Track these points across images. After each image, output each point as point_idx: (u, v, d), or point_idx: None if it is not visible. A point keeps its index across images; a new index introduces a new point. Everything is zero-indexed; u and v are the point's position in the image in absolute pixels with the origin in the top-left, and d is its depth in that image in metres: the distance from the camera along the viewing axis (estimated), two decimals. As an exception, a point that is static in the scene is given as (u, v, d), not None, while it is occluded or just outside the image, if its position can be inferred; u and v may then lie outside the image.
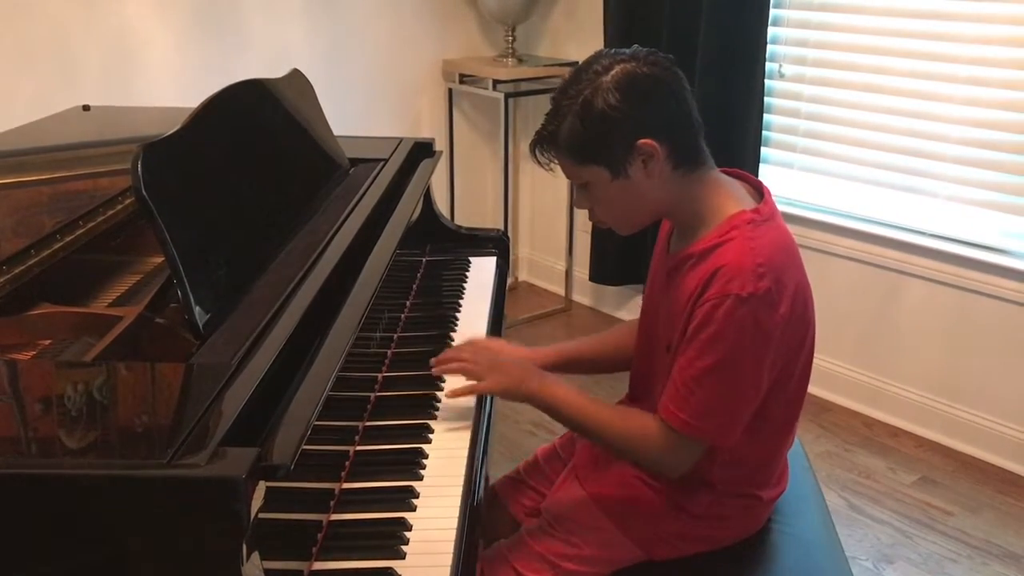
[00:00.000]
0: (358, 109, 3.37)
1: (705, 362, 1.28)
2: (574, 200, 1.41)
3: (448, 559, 1.15)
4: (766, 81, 2.93)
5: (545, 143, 1.36)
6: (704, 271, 1.30)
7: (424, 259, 2.01)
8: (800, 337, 1.37)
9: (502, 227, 3.57)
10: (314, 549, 1.14)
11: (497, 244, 2.14)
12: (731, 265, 1.27)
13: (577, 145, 1.32)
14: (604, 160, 1.31)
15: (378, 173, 1.82)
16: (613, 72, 1.29)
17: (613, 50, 1.34)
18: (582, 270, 3.73)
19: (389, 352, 1.62)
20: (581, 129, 1.30)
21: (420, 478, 1.30)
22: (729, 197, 1.36)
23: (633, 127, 1.29)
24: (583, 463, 1.56)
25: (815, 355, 1.44)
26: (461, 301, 1.88)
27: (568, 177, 1.39)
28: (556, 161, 1.37)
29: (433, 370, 1.50)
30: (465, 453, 1.37)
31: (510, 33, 3.50)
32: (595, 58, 1.33)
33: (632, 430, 1.38)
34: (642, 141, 1.29)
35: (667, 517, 1.44)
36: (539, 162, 1.38)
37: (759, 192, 1.41)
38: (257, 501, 0.89)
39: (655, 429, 1.35)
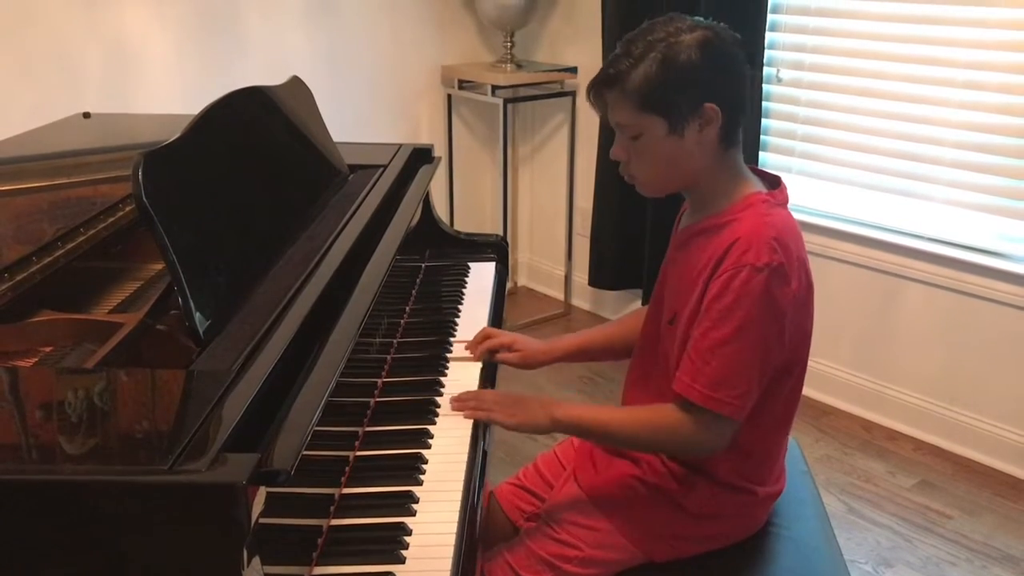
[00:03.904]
0: (357, 115, 3.37)
1: (720, 332, 1.31)
2: (612, 150, 1.42)
3: (448, 564, 1.15)
4: (764, 86, 2.94)
5: (611, 82, 1.36)
6: (719, 244, 1.34)
7: (423, 265, 2.01)
8: (808, 320, 1.40)
9: (501, 232, 3.57)
10: (314, 554, 1.14)
11: (496, 249, 2.14)
12: (746, 237, 1.31)
13: (647, 91, 1.33)
14: (668, 112, 1.33)
15: (377, 179, 1.82)
16: (695, 34, 1.33)
17: (691, 17, 1.37)
18: (581, 275, 3.73)
19: (389, 358, 1.62)
20: (656, 76, 1.32)
21: (420, 483, 1.30)
22: (748, 180, 1.42)
23: (706, 88, 1.33)
24: (582, 466, 1.57)
25: (813, 358, 1.46)
26: (460, 306, 1.88)
27: (620, 123, 1.38)
28: (611, 105, 1.37)
29: (452, 406, 1.48)
30: (465, 458, 1.37)
31: (509, 39, 3.51)
32: (673, 18, 1.36)
33: (655, 420, 1.40)
34: (709, 104, 1.33)
35: (666, 517, 1.45)
36: (592, 103, 1.40)
37: (775, 188, 1.46)
38: (258, 507, 0.90)
39: (674, 410, 1.36)
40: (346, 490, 1.27)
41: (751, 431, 1.40)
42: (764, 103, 2.97)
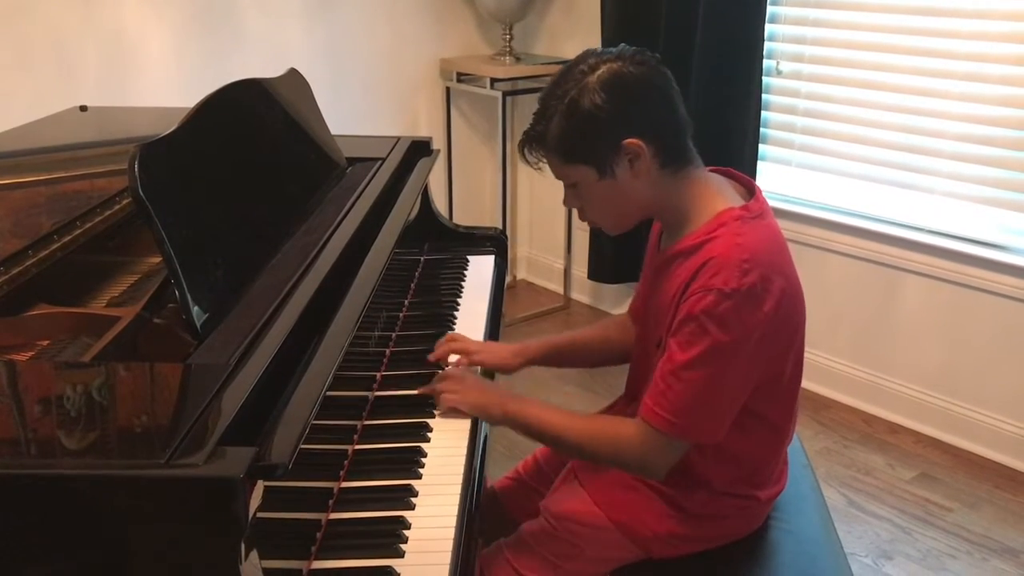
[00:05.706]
0: (356, 108, 3.37)
1: (685, 356, 1.28)
2: (564, 199, 1.42)
3: (447, 558, 1.15)
4: (763, 78, 2.94)
5: (533, 143, 1.37)
6: (691, 266, 1.30)
7: (422, 258, 2.01)
8: (789, 336, 1.36)
9: (500, 225, 3.57)
10: (313, 548, 1.14)
11: (495, 243, 2.13)
12: (717, 259, 1.27)
13: (564, 145, 1.33)
14: (590, 160, 1.32)
15: (376, 172, 1.82)
16: (599, 72, 1.30)
17: (599, 49, 1.34)
18: (580, 268, 3.73)
19: (387, 351, 1.62)
20: (567, 129, 1.31)
21: (419, 477, 1.30)
22: (717, 195, 1.36)
23: (619, 127, 1.30)
24: (582, 464, 1.56)
25: (813, 351, 1.44)
26: (459, 300, 1.88)
27: (556, 176, 1.39)
28: (544, 161, 1.38)
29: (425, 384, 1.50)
30: (464, 452, 1.37)
31: (508, 31, 3.50)
32: (581, 58, 1.34)
33: (611, 436, 1.38)
34: (628, 141, 1.30)
35: (666, 517, 1.44)
36: (527, 161, 1.39)
37: (750, 191, 1.41)
38: (255, 500, 0.89)
39: (635, 431, 1.34)
40: (345, 484, 1.27)
41: (746, 443, 1.39)
42: (764, 95, 2.96)
